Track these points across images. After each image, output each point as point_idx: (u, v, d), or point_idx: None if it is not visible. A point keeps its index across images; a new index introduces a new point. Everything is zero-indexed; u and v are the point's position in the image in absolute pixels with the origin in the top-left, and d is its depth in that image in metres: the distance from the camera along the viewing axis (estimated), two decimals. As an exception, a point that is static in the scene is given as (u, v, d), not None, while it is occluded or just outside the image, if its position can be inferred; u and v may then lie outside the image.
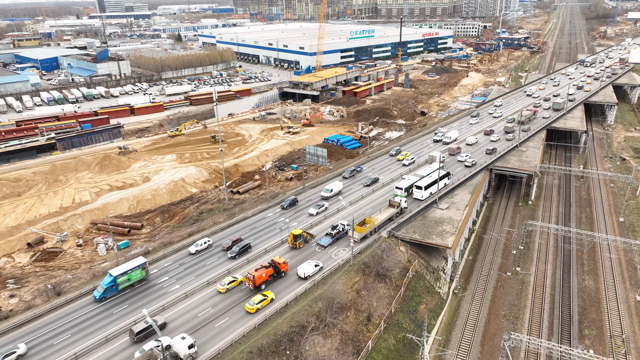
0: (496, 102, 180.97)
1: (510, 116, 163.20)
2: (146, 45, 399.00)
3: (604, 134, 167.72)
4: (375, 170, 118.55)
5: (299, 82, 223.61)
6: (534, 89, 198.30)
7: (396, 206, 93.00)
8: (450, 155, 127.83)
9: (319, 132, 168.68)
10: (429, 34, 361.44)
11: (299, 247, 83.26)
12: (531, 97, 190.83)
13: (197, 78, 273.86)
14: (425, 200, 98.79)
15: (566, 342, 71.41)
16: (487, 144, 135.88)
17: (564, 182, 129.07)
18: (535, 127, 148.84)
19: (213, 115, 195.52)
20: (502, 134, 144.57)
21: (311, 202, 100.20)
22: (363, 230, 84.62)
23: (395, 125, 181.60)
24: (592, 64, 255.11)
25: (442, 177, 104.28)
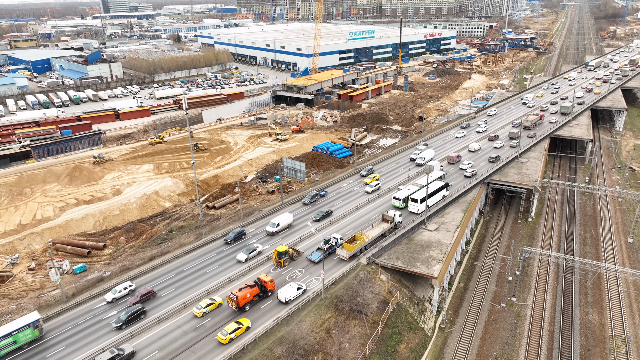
0: (489, 111, 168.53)
1: (516, 120, 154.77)
2: (144, 46, 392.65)
3: (612, 141, 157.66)
4: (337, 196, 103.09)
5: (293, 86, 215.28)
6: (531, 97, 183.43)
7: (390, 221, 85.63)
8: (450, 164, 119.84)
9: (309, 139, 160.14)
10: (432, 34, 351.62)
11: (284, 265, 76.79)
12: (526, 105, 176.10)
13: (190, 80, 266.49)
14: (420, 215, 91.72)
15: (565, 391, 62.50)
16: (490, 151, 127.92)
17: (567, 196, 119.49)
18: (541, 133, 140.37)
19: (201, 120, 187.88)
20: (506, 140, 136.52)
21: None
22: (352, 248, 77.22)
23: (390, 132, 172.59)
24: (597, 68, 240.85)
25: (440, 189, 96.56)
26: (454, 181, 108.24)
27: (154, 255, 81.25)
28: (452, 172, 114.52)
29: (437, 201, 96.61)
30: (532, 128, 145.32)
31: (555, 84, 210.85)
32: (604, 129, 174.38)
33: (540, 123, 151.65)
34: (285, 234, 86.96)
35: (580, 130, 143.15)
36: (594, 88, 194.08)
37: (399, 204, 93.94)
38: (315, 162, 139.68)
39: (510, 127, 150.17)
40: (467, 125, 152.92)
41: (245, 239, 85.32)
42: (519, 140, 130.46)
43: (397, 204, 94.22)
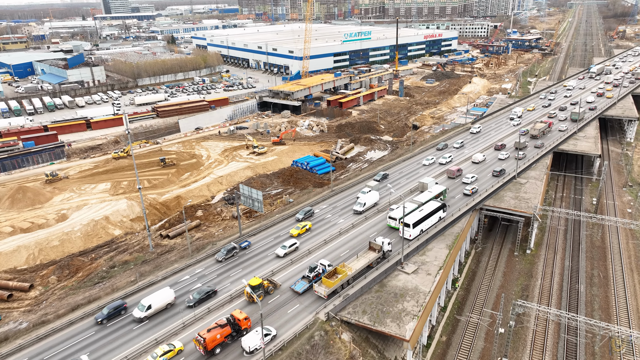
0: (473, 128, 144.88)
1: (524, 128, 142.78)
2: (135, 49, 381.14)
3: (623, 155, 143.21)
4: (260, 246, 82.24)
5: (279, 91, 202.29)
6: (520, 111, 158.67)
7: (377, 250, 73.90)
8: (450, 179, 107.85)
9: (289, 152, 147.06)
10: (432, 35, 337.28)
11: (257, 301, 64.14)
12: (513, 122, 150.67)
13: (176, 85, 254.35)
14: (415, 240, 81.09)
15: None
16: (494, 164, 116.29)
17: (571, 223, 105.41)
18: (548, 144, 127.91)
19: (178, 129, 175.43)
20: (512, 150, 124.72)
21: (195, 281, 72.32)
22: (332, 284, 65.96)
23: (379, 143, 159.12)
24: (599, 75, 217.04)
25: (436, 210, 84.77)
26: (450, 201, 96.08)
27: (79, 304, 68.52)
28: (451, 188, 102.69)
29: (434, 223, 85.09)
30: (539, 137, 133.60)
31: (555, 92, 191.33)
32: (613, 140, 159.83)
33: (548, 131, 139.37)
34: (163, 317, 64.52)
35: (587, 143, 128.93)
36: (605, 92, 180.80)
37: (394, 224, 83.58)
38: (292, 180, 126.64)
39: (530, 127, 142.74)
40: (444, 147, 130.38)
41: (123, 316, 64.52)
42: (525, 150, 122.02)
43: (393, 224, 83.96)
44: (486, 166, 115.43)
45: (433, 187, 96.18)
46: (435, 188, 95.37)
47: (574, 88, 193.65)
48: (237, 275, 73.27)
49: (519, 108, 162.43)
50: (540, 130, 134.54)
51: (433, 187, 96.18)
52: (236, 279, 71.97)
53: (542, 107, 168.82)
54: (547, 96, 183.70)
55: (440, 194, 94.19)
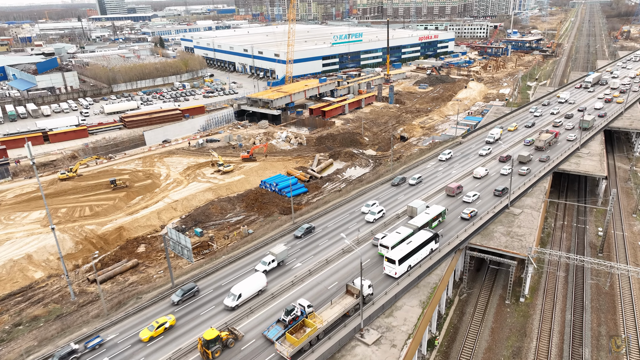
0: (442, 154, 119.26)
1: (529, 138, 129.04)
2: (121, 51, 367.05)
3: (631, 173, 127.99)
4: (211, 291, 68.31)
5: (258, 99, 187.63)
6: (497, 132, 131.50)
7: (356, 294, 61.58)
8: (449, 197, 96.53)
9: (259, 170, 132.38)
10: (427, 37, 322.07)
11: (213, 358, 54.00)
12: (490, 143, 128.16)
13: (154, 91, 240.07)
14: (401, 278, 68.63)
15: None
16: (497, 180, 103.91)
17: (573, 265, 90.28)
18: (553, 158, 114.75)
19: (144, 142, 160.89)
20: (516, 164, 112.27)
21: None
22: (297, 342, 53.26)
23: (362, 158, 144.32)
24: (596, 84, 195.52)
25: (427, 241, 73.03)
26: (441, 229, 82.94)
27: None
28: (450, 208, 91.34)
29: (424, 258, 72.65)
30: (545, 149, 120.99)
31: (547, 104, 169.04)
32: (621, 156, 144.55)
33: (555, 142, 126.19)
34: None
35: (592, 162, 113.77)
36: (613, 98, 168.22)
37: (385, 252, 72.10)
38: (257, 204, 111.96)
39: (535, 136, 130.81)
40: (401, 181, 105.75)
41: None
42: (529, 165, 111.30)
43: (384, 252, 72.43)
44: (489, 181, 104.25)
45: (431, 208, 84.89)
46: (433, 209, 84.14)
47: (566, 101, 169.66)
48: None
49: (496, 130, 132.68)
50: (546, 141, 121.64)
51: (431, 208, 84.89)
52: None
53: (524, 126, 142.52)
54: (535, 111, 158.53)
55: (440, 216, 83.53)
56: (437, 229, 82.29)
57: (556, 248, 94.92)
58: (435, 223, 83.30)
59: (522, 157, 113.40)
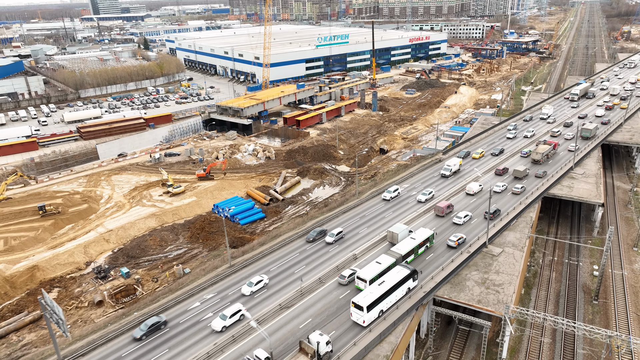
0: (389, 190, 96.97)
1: (526, 149, 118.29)
2: (101, 53, 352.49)
3: (632, 194, 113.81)
4: None
5: (228, 107, 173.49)
6: (454, 164, 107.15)
7: (311, 354, 51.34)
8: (438, 217, 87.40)
9: (216, 190, 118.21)
10: (418, 38, 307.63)
11: None
12: (447, 176, 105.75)
13: (125, 96, 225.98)
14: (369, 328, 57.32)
15: None
16: (492, 199, 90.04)
17: (562, 330, 76.28)
18: (552, 171, 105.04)
19: (98, 157, 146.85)
20: (511, 180, 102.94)
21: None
22: None
23: (333, 176, 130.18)
24: (583, 97, 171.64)
25: (404, 280, 63.20)
26: (427, 257, 72.43)
27: None
28: (439, 231, 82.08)
29: (399, 299, 62.41)
30: (543, 162, 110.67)
31: (530, 119, 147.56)
32: (619, 171, 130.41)
33: (553, 154, 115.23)
34: None
35: (586, 186, 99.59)
36: (614, 105, 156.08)
37: (363, 285, 63.85)
38: (202, 234, 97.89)
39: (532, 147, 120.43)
40: (318, 236, 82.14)
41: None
42: (525, 181, 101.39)
43: (362, 286, 64.11)
44: (483, 199, 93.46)
45: (418, 232, 75.81)
46: (420, 233, 75.25)
47: (548, 117, 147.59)
48: None
49: (454, 160, 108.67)
50: (543, 154, 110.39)
51: (418, 232, 75.81)
52: None
53: (492, 154, 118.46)
54: (512, 129, 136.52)
55: (427, 241, 75.12)
56: (422, 259, 72.88)
57: (543, 291, 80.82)
58: (422, 249, 74.33)
59: (517, 172, 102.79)
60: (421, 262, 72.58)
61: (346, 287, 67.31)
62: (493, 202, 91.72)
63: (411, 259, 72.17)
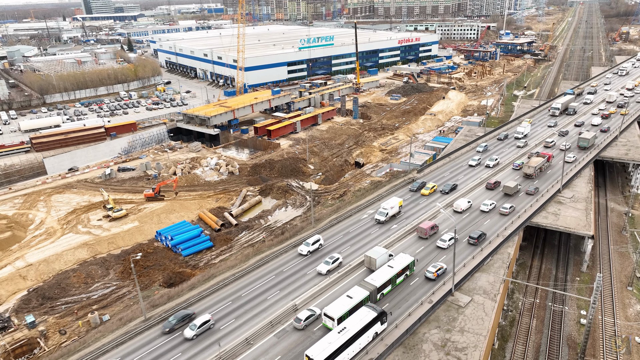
0: (303, 246, 76.12)
1: (518, 161, 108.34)
2: (81, 54, 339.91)
3: (627, 219, 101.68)
4: None
5: (194, 116, 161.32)
6: (390, 207, 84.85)
7: None
8: (421, 240, 79.12)
9: (164, 213, 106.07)
10: (407, 40, 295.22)
11: None
12: (382, 222, 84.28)
13: (95, 102, 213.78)
14: None
15: None
16: (477, 218, 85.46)
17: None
18: (545, 186, 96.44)
19: (46, 171, 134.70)
20: (500, 197, 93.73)
21: None
22: None
23: (298, 195, 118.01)
24: (564, 112, 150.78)
25: (367, 326, 54.79)
26: (395, 299, 62.98)
27: None
28: (422, 256, 74.42)
29: (365, 346, 55.25)
30: (535, 176, 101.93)
31: (504, 138, 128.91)
32: (614, 189, 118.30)
33: (547, 166, 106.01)
34: None
35: (575, 213, 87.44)
36: (610, 114, 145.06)
37: (331, 324, 56.60)
38: (136, 267, 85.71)
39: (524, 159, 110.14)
40: None
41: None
42: (515, 199, 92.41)
43: (330, 325, 56.96)
44: (472, 217, 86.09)
45: (396, 259, 68.25)
46: (399, 260, 67.83)
47: (524, 136, 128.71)
48: None
49: (393, 201, 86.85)
50: (536, 167, 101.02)
51: (396, 259, 68.25)
52: None
53: (441, 191, 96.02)
54: (482, 151, 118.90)
55: (407, 269, 67.83)
56: (401, 289, 66.18)
57: (521, 345, 68.68)
58: (401, 278, 67.21)
59: (507, 189, 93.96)
60: (397, 294, 65.03)
61: (301, 331, 58.58)
62: (479, 222, 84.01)
63: (388, 290, 64.89)
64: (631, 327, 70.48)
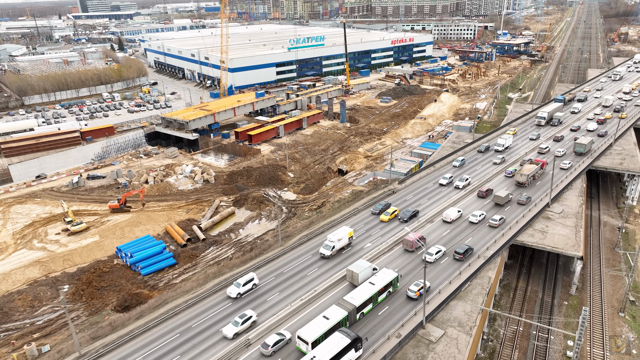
0: (233, 288, 65.05)
1: (511, 168, 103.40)
2: (67, 54, 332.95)
3: (621, 235, 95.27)
4: None
5: (173, 120, 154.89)
6: (336, 239, 73.29)
7: None
8: (407, 252, 74.62)
9: (129, 226, 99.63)
10: (400, 40, 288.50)
11: None
12: (327, 257, 73.10)
13: (75, 104, 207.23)
14: None
15: None
16: (465, 230, 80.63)
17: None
18: (538, 195, 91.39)
19: (12, 178, 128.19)
20: (490, 208, 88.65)
21: None
22: None
23: (275, 206, 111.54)
24: (550, 122, 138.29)
25: (342, 352, 50.09)
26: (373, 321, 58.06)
27: None
28: (406, 270, 69.71)
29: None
30: (528, 184, 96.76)
31: (486, 149, 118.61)
32: (607, 200, 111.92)
33: (541, 174, 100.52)
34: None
35: (564, 230, 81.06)
36: (606, 120, 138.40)
37: (305, 348, 52.38)
38: (89, 288, 79.35)
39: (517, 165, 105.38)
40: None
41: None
42: (505, 211, 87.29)
43: (304, 349, 52.69)
44: (462, 227, 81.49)
45: (378, 276, 63.58)
46: (381, 277, 63.07)
47: (504, 148, 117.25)
48: None
49: (342, 230, 75.24)
50: (529, 175, 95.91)
51: (378, 276, 63.58)
52: None
53: (399, 219, 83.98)
54: (443, 177, 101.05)
55: (389, 285, 63.25)
56: (382, 308, 61.35)
57: (501, 381, 62.43)
58: (384, 296, 62.73)
59: (498, 198, 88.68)
60: (377, 315, 60.21)
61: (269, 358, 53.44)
62: (467, 234, 78.97)
63: (369, 309, 60.49)
64: (622, 359, 64.27)
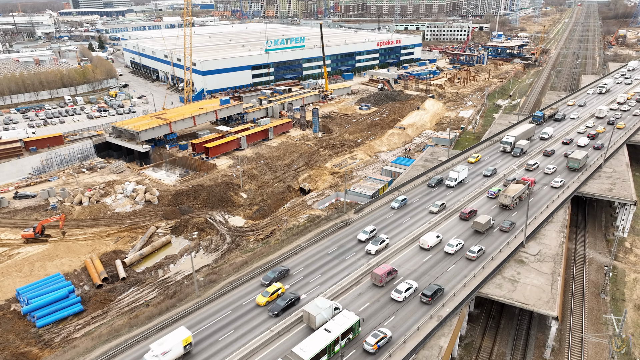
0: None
1: (494, 188, 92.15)
2: (41, 53, 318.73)
3: (608, 276, 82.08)
4: None
5: (123, 129, 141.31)
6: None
7: None
8: (375, 287, 64.95)
9: (42, 260, 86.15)
10: (387, 42, 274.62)
11: None
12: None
13: (33, 107, 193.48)
14: None
15: None
16: (442, 261, 70.84)
17: None
18: (522, 219, 70.32)
19: None
20: (470, 235, 78.43)
21: None
22: None
23: (216, 233, 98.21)
24: (511, 153, 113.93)
25: None
26: None
27: None
28: (373, 311, 60.62)
29: None
30: (512, 207, 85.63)
31: (436, 185, 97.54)
32: (594, 230, 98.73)
33: (528, 195, 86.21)
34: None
35: (538, 280, 67.74)
36: (597, 134, 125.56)
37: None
38: (-32, 348, 66.09)
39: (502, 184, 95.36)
40: None
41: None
42: (486, 239, 77.58)
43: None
44: (440, 256, 71.81)
45: (336, 319, 54.51)
46: (339, 321, 54.27)
47: (457, 183, 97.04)
48: None
49: (180, 329, 54.05)
50: (514, 197, 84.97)
51: (336, 319, 54.51)
52: None
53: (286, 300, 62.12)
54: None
55: (350, 331, 54.41)
56: None
57: None
58: (343, 343, 53.57)
59: (478, 225, 77.99)
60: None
61: None
62: (443, 266, 69.20)
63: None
64: None
